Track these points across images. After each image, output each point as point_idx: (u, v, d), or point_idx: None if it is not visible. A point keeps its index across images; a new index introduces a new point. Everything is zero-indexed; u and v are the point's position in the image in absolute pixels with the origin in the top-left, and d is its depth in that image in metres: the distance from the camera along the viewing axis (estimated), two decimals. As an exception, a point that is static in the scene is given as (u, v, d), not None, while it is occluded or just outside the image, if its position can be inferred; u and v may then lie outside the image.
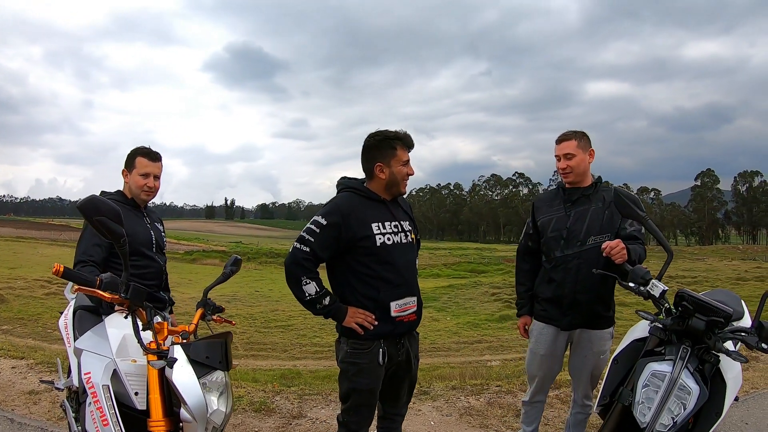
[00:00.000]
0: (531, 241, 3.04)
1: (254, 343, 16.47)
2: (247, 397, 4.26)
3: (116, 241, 1.93)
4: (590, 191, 2.89)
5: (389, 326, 2.47)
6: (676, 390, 1.97)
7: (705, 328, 2.02)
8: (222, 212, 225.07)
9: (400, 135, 2.54)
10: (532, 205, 3.10)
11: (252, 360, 14.26)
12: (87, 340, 2.39)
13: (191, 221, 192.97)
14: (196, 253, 44.57)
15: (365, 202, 2.52)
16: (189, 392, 1.97)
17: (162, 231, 3.06)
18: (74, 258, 2.70)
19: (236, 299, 22.10)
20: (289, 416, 3.91)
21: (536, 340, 2.97)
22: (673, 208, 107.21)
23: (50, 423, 3.68)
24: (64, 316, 2.97)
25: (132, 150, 2.89)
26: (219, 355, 2.12)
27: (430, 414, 3.99)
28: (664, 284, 2.18)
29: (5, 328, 12.14)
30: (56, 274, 1.90)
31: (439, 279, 36.25)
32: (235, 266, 2.66)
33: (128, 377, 2.17)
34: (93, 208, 1.87)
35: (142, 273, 2.79)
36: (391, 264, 2.47)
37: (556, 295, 2.87)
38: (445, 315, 21.94)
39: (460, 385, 4.78)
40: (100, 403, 2.10)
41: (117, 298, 2.01)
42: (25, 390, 4.25)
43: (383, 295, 2.45)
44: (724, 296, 2.77)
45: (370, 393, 2.49)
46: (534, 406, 3.08)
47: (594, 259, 2.74)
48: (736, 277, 25.84)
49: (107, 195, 2.87)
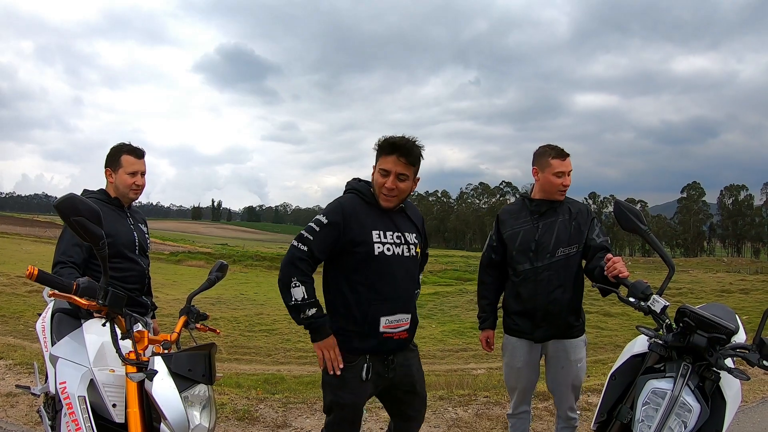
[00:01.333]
0: (495, 254, 3.00)
1: (238, 346, 16.30)
2: (231, 405, 4.16)
3: (95, 244, 1.80)
4: (557, 204, 2.89)
5: (375, 342, 2.32)
6: (676, 408, 1.92)
7: (706, 345, 1.97)
8: (208, 213, 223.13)
9: (391, 141, 2.34)
10: (497, 218, 3.06)
11: (236, 364, 14.09)
12: (63, 346, 2.28)
13: (177, 222, 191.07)
14: (181, 254, 44.14)
15: (368, 207, 2.38)
16: (170, 407, 1.86)
17: (146, 232, 2.94)
18: (53, 258, 2.58)
19: (221, 302, 21.87)
20: (274, 425, 3.82)
21: (511, 354, 2.93)
22: (659, 220, 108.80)
23: (27, 427, 3.56)
24: (42, 319, 2.84)
25: (114, 148, 2.77)
26: (202, 367, 2.00)
27: (418, 425, 3.91)
28: (665, 300, 2.13)
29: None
30: (30, 277, 1.78)
31: (425, 286, 36.22)
32: (221, 272, 2.55)
33: (106, 388, 2.06)
34: (71, 208, 1.74)
35: (123, 276, 2.68)
36: (388, 276, 2.33)
37: (527, 308, 2.83)
38: (430, 323, 21.91)
39: (448, 395, 4.72)
40: (76, 416, 1.99)
41: (94, 305, 1.89)
42: (2, 392, 4.11)
43: (374, 309, 2.30)
44: (719, 311, 2.74)
45: (353, 408, 2.38)
46: (519, 418, 3.02)
47: (563, 271, 2.78)
48: (721, 289, 26.22)
49: (90, 193, 2.77)
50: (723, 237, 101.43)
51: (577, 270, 2.85)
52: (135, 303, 2.74)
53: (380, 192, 2.35)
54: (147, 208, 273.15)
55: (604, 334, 16.84)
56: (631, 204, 2.40)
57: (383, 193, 2.35)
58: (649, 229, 2.24)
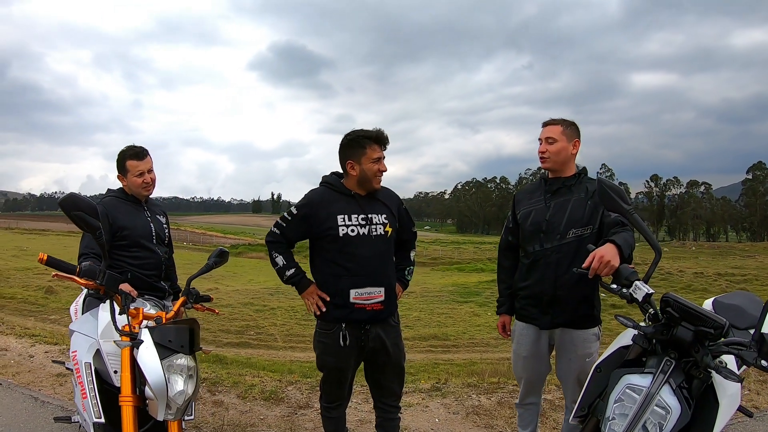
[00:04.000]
0: (512, 236, 2.91)
1: (294, 335, 16.82)
2: (260, 386, 4.33)
3: (93, 234, 2.10)
4: (572, 181, 2.74)
5: (346, 311, 2.64)
6: (652, 407, 1.75)
7: (693, 340, 1.78)
8: (269, 206, 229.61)
9: (372, 134, 2.67)
10: (513, 198, 2.96)
11: (290, 352, 14.55)
12: (80, 322, 2.62)
13: (238, 215, 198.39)
14: (241, 246, 45.82)
15: (336, 195, 2.71)
16: (151, 372, 2.11)
17: (164, 223, 3.18)
18: (78, 251, 2.86)
19: (279, 292, 22.54)
20: (296, 406, 3.96)
21: (518, 342, 2.85)
22: (724, 203, 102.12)
23: (70, 402, 3.86)
24: (75, 302, 3.22)
25: (119, 155, 3.01)
26: (182, 339, 2.25)
27: (437, 411, 3.94)
28: (649, 287, 1.93)
29: (54, 318, 12.87)
30: (41, 262, 2.09)
31: (483, 274, 35.84)
32: (220, 258, 2.81)
33: (109, 357, 2.33)
34: (71, 204, 2.04)
35: (141, 263, 2.94)
36: (353, 254, 2.64)
37: (535, 293, 2.72)
38: (486, 310, 21.67)
39: (477, 383, 4.69)
40: (82, 379, 2.29)
41: (92, 284, 2.18)
42: (54, 373, 4.49)
43: (343, 282, 2.64)
44: (743, 299, 2.47)
45: (337, 371, 2.74)
46: (527, 409, 2.95)
47: (575, 254, 2.59)
48: (790, 274, 24.18)
49: (111, 192, 3.06)
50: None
51: None
52: (153, 287, 2.98)
53: (374, 176, 2.70)
54: (208, 203, 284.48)
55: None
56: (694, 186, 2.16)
57: (377, 177, 2.71)
58: (633, 209, 2.08)
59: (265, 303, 21.47)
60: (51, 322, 11.87)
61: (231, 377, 4.59)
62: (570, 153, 2.74)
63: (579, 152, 2.77)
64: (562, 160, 2.74)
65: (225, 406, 3.91)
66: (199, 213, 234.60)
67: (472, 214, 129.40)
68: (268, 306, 21.14)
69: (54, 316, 13.38)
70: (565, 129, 2.73)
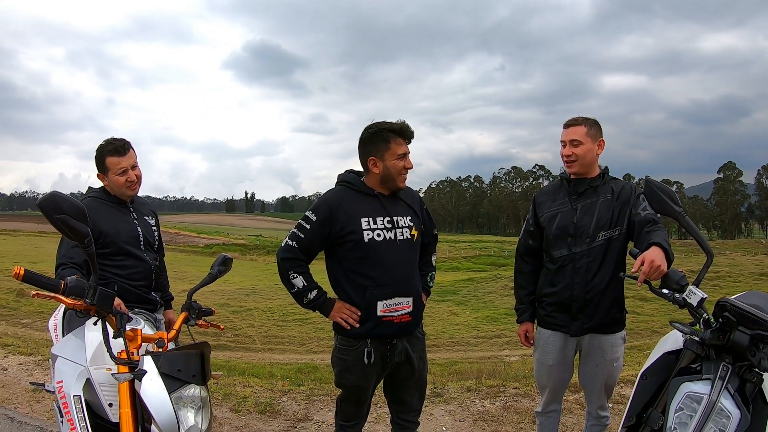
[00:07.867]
0: (533, 239, 2.76)
1: (272, 336, 16.49)
2: (253, 398, 4.11)
3: (80, 242, 1.74)
4: (598, 182, 2.62)
5: (374, 326, 2.39)
6: (714, 414, 1.71)
7: (749, 344, 1.75)
8: (242, 206, 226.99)
9: (396, 126, 2.40)
10: (533, 200, 2.82)
11: (269, 354, 14.26)
12: (63, 345, 2.23)
13: (212, 215, 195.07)
14: (216, 246, 44.98)
15: (357, 196, 2.45)
16: (158, 408, 1.78)
17: (153, 225, 2.85)
18: (56, 261, 2.52)
19: (255, 292, 22.11)
20: (295, 419, 3.75)
21: (543, 350, 2.71)
22: (695, 202, 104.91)
23: (50, 423, 3.57)
24: (54, 317, 2.83)
25: (97, 151, 2.65)
26: (193, 367, 1.91)
27: (442, 418, 3.78)
28: (702, 291, 1.89)
29: (25, 321, 12.29)
30: (17, 278, 1.71)
31: (459, 272, 35.92)
32: (224, 266, 2.43)
33: (102, 387, 1.99)
34: (53, 206, 1.68)
35: (128, 273, 2.62)
36: (380, 262, 2.39)
37: (564, 299, 2.59)
38: (464, 309, 21.68)
39: (476, 386, 4.56)
40: (72, 416, 1.93)
41: (81, 304, 1.81)
42: (29, 388, 4.15)
43: (370, 294, 2.38)
44: (760, 300, 2.47)
45: (357, 390, 2.49)
46: (549, 417, 2.83)
47: (604, 257, 2.51)
48: (759, 272, 24.92)
49: (92, 191, 2.72)
50: (761, 218, 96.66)
51: (620, 255, 2.56)
52: (143, 300, 2.69)
53: (399, 174, 2.43)
54: (181, 202, 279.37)
55: (640, 320, 16.28)
56: (667, 185, 2.14)
57: (402, 174, 2.45)
58: (685, 211, 1.98)
59: (241, 304, 21.03)
60: (23, 326, 11.32)
61: (221, 388, 4.33)
62: (596, 154, 2.62)
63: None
64: (588, 163, 2.61)
65: (218, 421, 3.67)
66: (172, 212, 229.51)
67: (446, 212, 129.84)
68: (244, 307, 20.69)
69: (26, 320, 12.74)
70: (589, 129, 2.60)
